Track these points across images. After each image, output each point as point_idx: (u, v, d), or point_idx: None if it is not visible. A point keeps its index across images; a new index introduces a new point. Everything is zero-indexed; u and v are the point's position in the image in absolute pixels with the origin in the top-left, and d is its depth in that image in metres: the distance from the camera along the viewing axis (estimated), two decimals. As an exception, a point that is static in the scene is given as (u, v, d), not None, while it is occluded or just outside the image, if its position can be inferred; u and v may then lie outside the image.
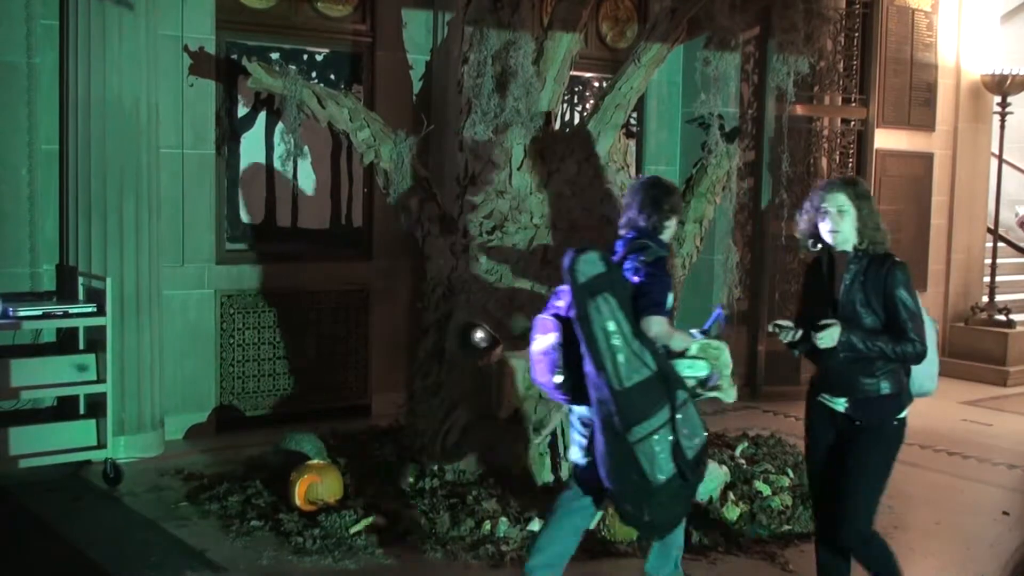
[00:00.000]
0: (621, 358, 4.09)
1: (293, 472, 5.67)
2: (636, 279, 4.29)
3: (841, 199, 4.15)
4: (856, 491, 4.17)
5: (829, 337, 4.02)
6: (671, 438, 4.11)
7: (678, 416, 4.15)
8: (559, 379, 4.33)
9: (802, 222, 4.31)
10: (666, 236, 4.57)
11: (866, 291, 4.10)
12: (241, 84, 7.21)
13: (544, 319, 4.42)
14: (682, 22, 6.43)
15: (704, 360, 4.40)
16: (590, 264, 4.22)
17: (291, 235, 7.80)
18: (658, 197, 4.51)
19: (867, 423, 4.16)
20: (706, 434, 4.30)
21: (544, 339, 4.37)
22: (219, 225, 7.36)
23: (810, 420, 4.39)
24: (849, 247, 4.16)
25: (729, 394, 4.49)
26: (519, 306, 6.13)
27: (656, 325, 4.19)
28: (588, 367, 4.15)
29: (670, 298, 4.36)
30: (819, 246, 4.28)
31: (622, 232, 4.60)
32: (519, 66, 6.30)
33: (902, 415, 4.20)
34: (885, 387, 4.13)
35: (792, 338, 4.16)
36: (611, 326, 4.12)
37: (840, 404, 4.21)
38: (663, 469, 4.10)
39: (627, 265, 4.37)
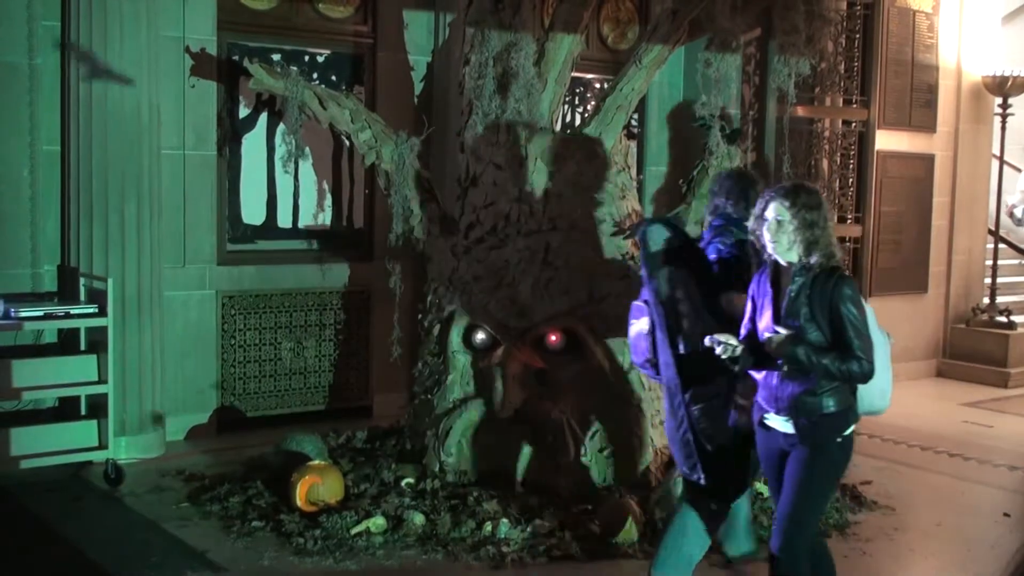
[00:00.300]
0: (686, 324, 4.39)
1: (294, 473, 5.67)
2: (715, 256, 4.65)
3: (779, 209, 3.92)
4: (794, 509, 3.97)
5: (778, 344, 3.87)
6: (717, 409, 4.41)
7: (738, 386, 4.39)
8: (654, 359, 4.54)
9: (753, 226, 4.05)
10: (750, 223, 4.64)
11: (812, 305, 3.89)
12: (242, 85, 7.22)
13: (638, 305, 4.60)
14: (683, 24, 6.43)
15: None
16: (659, 233, 4.49)
17: (292, 236, 7.80)
18: (746, 188, 4.84)
19: (810, 441, 3.94)
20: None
21: (639, 324, 4.58)
22: (220, 226, 7.37)
23: (757, 438, 4.16)
24: (793, 258, 3.93)
25: None
26: (520, 307, 6.13)
27: (733, 301, 4.47)
28: (658, 331, 4.44)
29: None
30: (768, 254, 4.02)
31: (709, 219, 4.91)
32: (520, 67, 6.31)
33: (847, 432, 3.99)
34: (829, 404, 3.92)
35: (732, 353, 3.96)
36: (679, 293, 4.41)
37: (782, 422, 4.01)
38: (710, 439, 4.40)
39: (711, 247, 4.71)
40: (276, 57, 7.46)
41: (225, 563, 5.04)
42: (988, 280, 10.91)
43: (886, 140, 9.89)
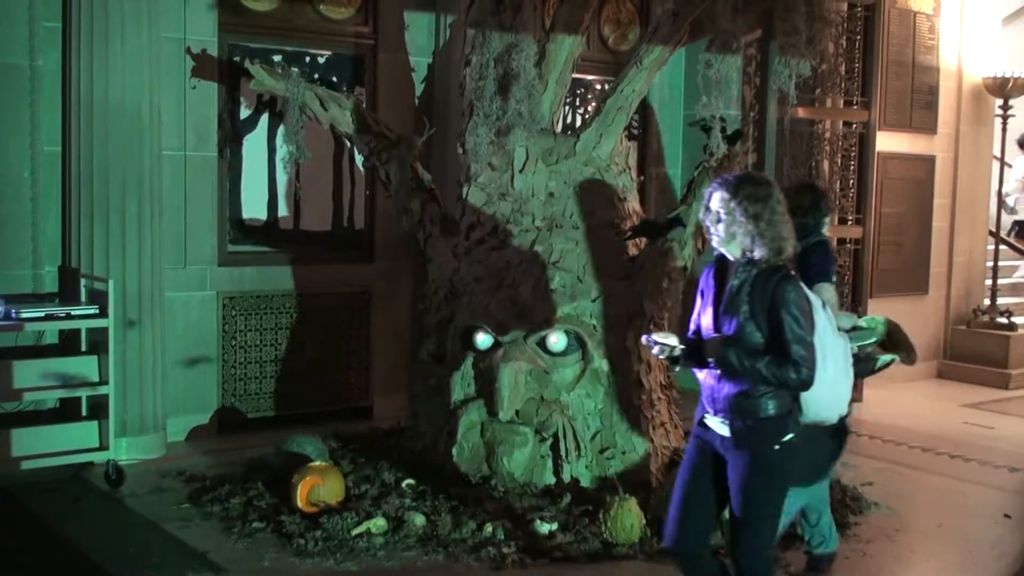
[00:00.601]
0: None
1: (295, 474, 5.67)
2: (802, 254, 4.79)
3: (721, 199, 3.74)
4: (744, 518, 3.78)
5: (712, 346, 3.72)
6: None
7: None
8: None
9: (701, 216, 3.89)
10: (824, 229, 5.26)
11: (752, 303, 3.68)
12: (243, 86, 7.22)
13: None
14: (684, 25, 6.44)
15: (870, 330, 4.92)
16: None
17: (293, 237, 7.81)
18: (817, 199, 5.27)
19: (747, 447, 3.75)
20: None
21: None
22: (221, 227, 7.37)
23: (693, 434, 3.99)
24: (736, 251, 3.76)
25: (894, 356, 4.96)
26: (521, 308, 6.13)
27: (826, 291, 4.83)
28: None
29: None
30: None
31: None
32: (521, 68, 6.31)
33: (786, 439, 3.76)
34: (768, 408, 3.71)
35: (670, 354, 3.81)
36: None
37: (719, 423, 3.83)
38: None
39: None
40: (277, 58, 7.46)
41: (226, 564, 5.04)
42: (989, 281, 10.91)
43: (887, 141, 9.89)
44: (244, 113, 7.52)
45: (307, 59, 7.74)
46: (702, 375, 3.87)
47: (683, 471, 3.97)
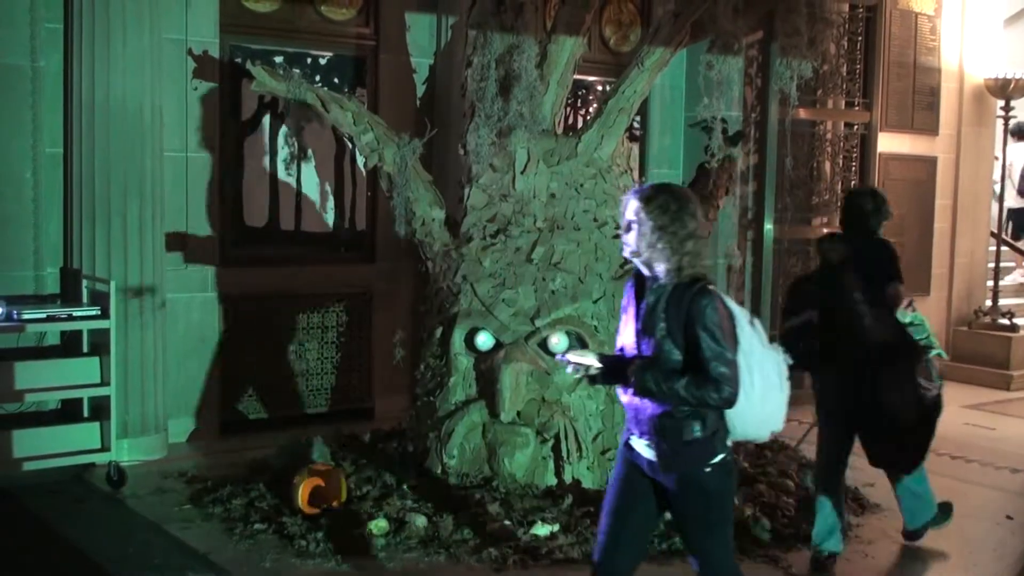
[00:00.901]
0: (863, 323, 5.11)
1: (296, 475, 5.67)
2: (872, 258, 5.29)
3: (634, 208, 3.55)
4: (695, 545, 3.66)
5: (631, 370, 3.52)
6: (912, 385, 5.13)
7: (931, 370, 5.20)
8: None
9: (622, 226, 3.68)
10: (880, 233, 5.51)
11: (668, 320, 3.47)
12: (245, 88, 7.22)
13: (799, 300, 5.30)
14: (685, 26, 6.43)
15: (921, 325, 5.33)
16: (837, 245, 5.27)
17: (294, 238, 7.81)
18: (879, 203, 5.49)
19: (673, 471, 3.55)
20: (941, 382, 5.27)
21: (796, 319, 5.22)
22: (223, 228, 7.37)
23: (620, 454, 3.77)
24: (642, 265, 3.59)
25: (941, 352, 5.46)
26: (522, 310, 6.13)
27: (898, 289, 5.26)
28: (847, 334, 5.10)
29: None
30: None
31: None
32: (522, 70, 6.31)
33: (716, 460, 3.55)
34: (692, 430, 3.50)
35: (586, 373, 3.61)
36: (858, 295, 5.14)
37: (645, 447, 3.62)
38: (909, 412, 5.13)
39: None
40: (278, 59, 7.47)
41: (227, 565, 5.04)
42: (991, 282, 10.91)
43: (888, 142, 9.89)
44: (246, 114, 7.52)
45: (308, 60, 7.75)
46: (625, 396, 3.66)
47: (610, 490, 3.77)
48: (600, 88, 9.02)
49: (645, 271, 3.59)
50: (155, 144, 6.63)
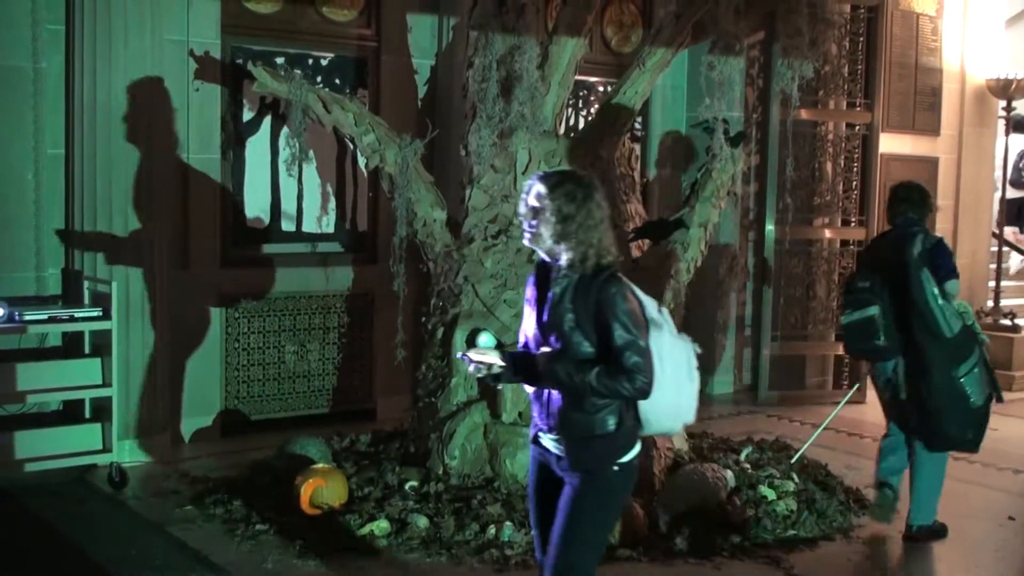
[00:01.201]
0: (948, 313, 5.45)
1: (298, 476, 5.68)
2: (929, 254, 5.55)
3: (538, 194, 3.42)
4: (563, 548, 3.41)
5: (540, 362, 3.40)
6: (980, 370, 5.52)
7: (985, 354, 5.56)
8: (882, 343, 5.59)
9: (520, 210, 3.54)
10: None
11: (577, 312, 3.34)
12: (246, 89, 7.23)
13: (863, 296, 5.61)
14: (687, 27, 6.43)
15: (967, 312, 5.62)
16: (918, 244, 5.54)
17: (296, 239, 7.81)
18: (924, 197, 5.79)
19: (580, 467, 3.41)
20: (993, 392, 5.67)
21: (863, 312, 5.57)
22: (224, 229, 7.37)
23: (532, 454, 3.65)
24: (544, 253, 3.47)
25: (985, 337, 5.76)
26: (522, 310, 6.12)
27: (956, 286, 5.53)
28: (921, 323, 5.47)
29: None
30: None
31: (898, 222, 5.78)
32: (524, 71, 6.30)
33: (625, 459, 3.42)
34: (602, 425, 3.36)
35: (489, 371, 3.48)
36: (935, 290, 5.46)
37: (553, 444, 3.49)
38: (982, 395, 5.55)
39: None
40: (280, 60, 7.47)
41: (228, 566, 5.04)
42: (992, 283, 10.90)
43: (890, 143, 9.89)
44: (247, 115, 7.53)
45: (310, 61, 7.75)
46: (531, 390, 3.55)
47: (530, 491, 3.69)
48: (602, 89, 9.01)
49: (549, 260, 3.47)
50: (156, 145, 6.62)
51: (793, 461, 6.76)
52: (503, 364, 3.47)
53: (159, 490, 6.14)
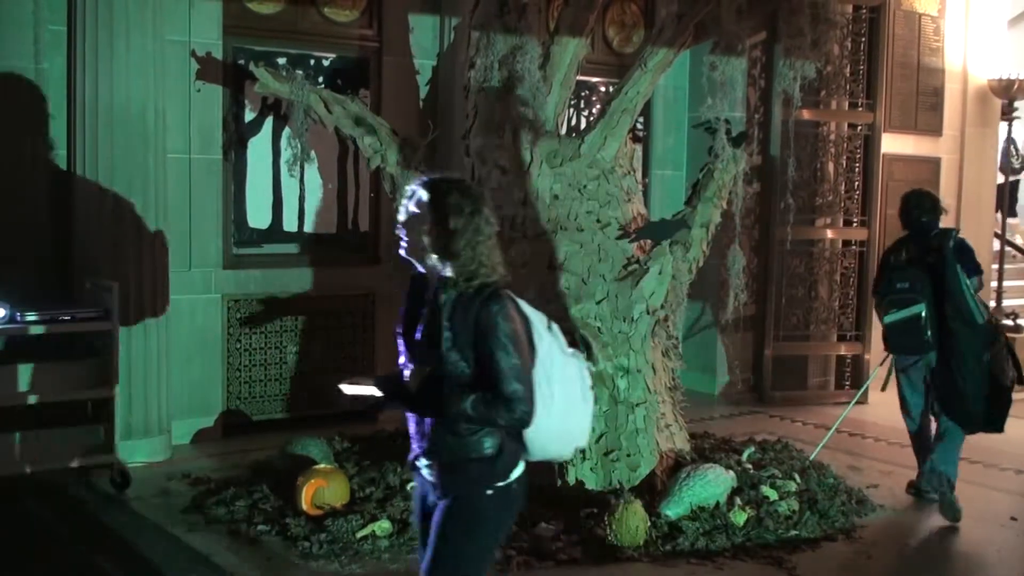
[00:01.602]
0: (978, 301, 6.00)
1: (300, 477, 5.67)
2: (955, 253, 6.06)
3: (418, 200, 3.14)
4: (435, 567, 3.18)
5: (412, 384, 3.19)
6: (1005, 353, 5.95)
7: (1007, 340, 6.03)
8: (930, 337, 6.08)
9: (399, 218, 3.25)
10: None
11: (455, 330, 3.06)
12: (248, 89, 7.23)
13: (906, 296, 6.13)
14: (688, 27, 6.43)
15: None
16: (952, 240, 6.06)
17: (298, 240, 7.81)
18: (935, 202, 6.45)
19: (451, 492, 3.16)
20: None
21: (909, 311, 6.09)
22: (226, 230, 7.38)
23: (416, 481, 3.42)
24: (423, 266, 3.19)
25: None
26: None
27: (980, 281, 6.24)
28: (956, 313, 5.95)
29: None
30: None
31: (924, 221, 6.36)
32: (525, 71, 6.31)
33: (503, 484, 3.14)
34: (478, 448, 3.10)
35: (367, 403, 3.36)
36: (968, 280, 6.00)
37: (427, 468, 3.23)
38: (1008, 376, 5.93)
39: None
40: (281, 61, 7.47)
41: (230, 567, 5.04)
42: (995, 283, 10.89)
43: (892, 143, 9.88)
44: (249, 116, 7.53)
45: (312, 62, 7.75)
46: (406, 411, 3.31)
47: (414, 519, 3.48)
48: (603, 89, 9.01)
49: (424, 271, 3.21)
50: (158, 146, 6.63)
51: (811, 459, 6.81)
52: (380, 394, 3.29)
53: (161, 491, 6.14)
